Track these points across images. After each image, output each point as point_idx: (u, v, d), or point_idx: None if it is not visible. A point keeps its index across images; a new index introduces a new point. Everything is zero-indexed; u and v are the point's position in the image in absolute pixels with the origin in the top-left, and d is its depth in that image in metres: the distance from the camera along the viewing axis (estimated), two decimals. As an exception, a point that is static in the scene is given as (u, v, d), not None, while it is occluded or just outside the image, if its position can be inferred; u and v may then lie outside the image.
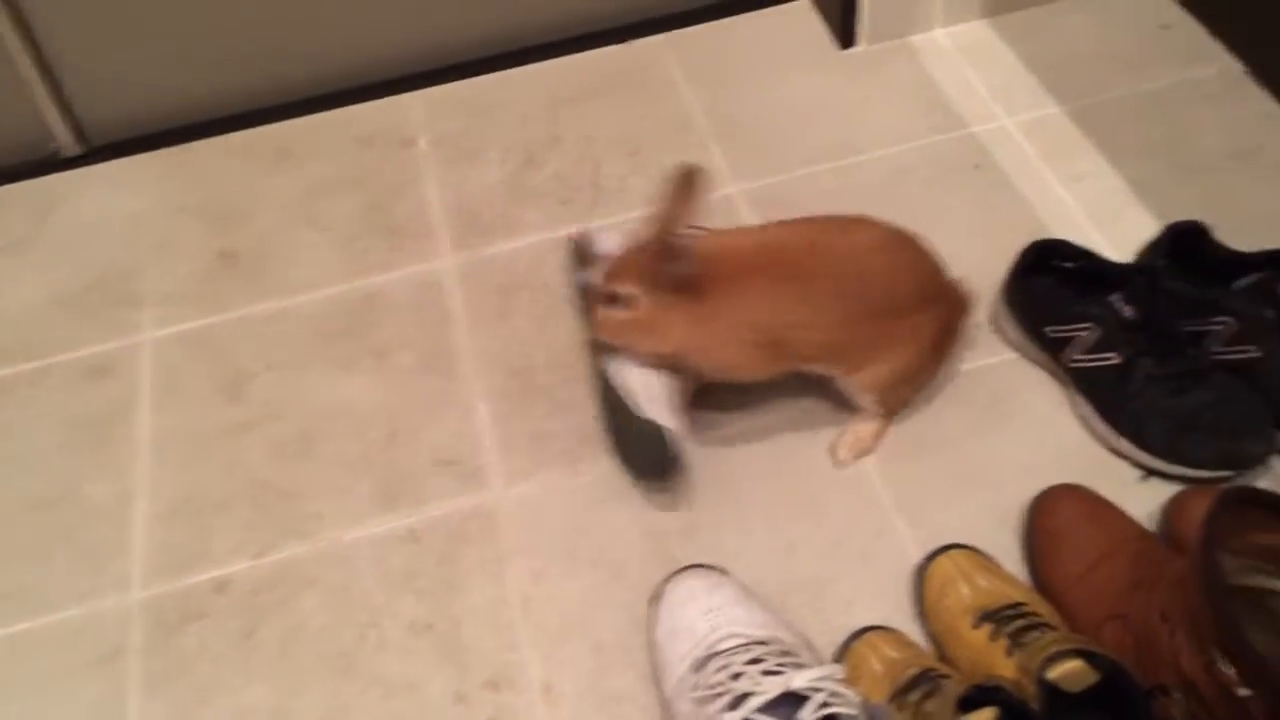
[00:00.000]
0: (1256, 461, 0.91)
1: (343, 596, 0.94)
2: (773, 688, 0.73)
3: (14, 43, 1.27)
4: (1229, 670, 0.66)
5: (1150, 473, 0.94)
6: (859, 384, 0.95)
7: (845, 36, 1.38)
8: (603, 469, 1.00)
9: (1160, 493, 0.92)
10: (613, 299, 0.92)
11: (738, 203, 1.22)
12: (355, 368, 1.11)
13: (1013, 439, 0.99)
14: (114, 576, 0.97)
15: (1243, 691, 0.65)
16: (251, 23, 1.34)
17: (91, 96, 1.34)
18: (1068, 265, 1.02)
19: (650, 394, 0.95)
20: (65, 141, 1.35)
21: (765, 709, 0.73)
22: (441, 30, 1.41)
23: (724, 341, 0.92)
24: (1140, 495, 0.92)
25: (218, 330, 1.16)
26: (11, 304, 1.20)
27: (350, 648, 0.91)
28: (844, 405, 1.00)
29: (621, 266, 0.92)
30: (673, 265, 0.89)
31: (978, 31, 1.38)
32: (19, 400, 1.12)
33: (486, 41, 1.43)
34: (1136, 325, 0.94)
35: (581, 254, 1.08)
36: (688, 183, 0.88)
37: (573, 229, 1.15)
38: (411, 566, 0.96)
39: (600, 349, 1.00)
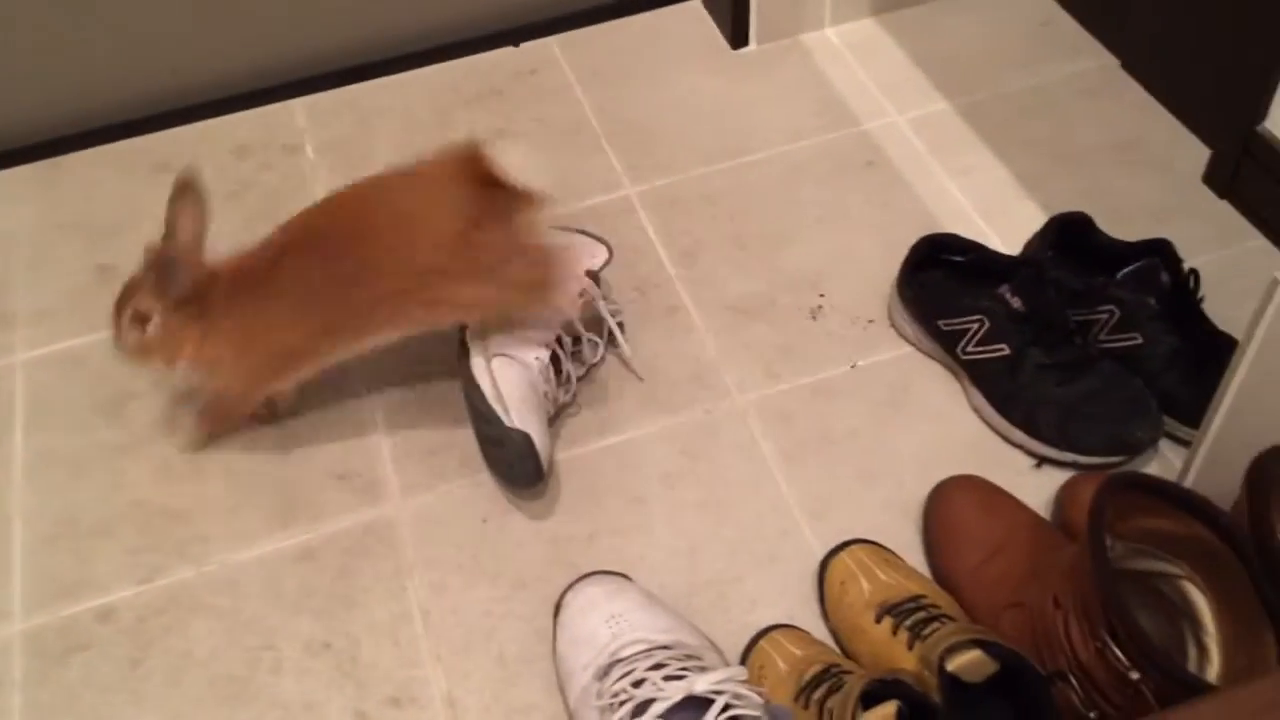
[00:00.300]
0: (1144, 446, 0.93)
1: (234, 620, 0.91)
2: (675, 693, 0.72)
3: None
4: (1120, 654, 0.67)
5: (1043, 461, 0.95)
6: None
7: (736, 36, 1.39)
8: (501, 484, 0.98)
9: (1053, 480, 0.94)
10: (139, 319, 0.92)
11: (634, 204, 1.22)
12: (244, 382, 1.07)
13: (911, 432, 1.00)
14: (-15, 611, 0.92)
15: (1134, 674, 0.66)
16: (118, 31, 1.29)
17: (-47, 106, 1.28)
18: (958, 259, 1.03)
19: (518, 399, 0.94)
20: (-75, 155, 1.29)
21: (668, 714, 0.72)
22: (321, 36, 1.37)
23: (220, 359, 0.93)
24: (1034, 483, 0.94)
25: (96, 349, 1.11)
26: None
27: (243, 672, 0.88)
28: (711, 408, 1.00)
29: (134, 286, 0.93)
30: (171, 281, 0.90)
31: (867, 29, 1.40)
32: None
33: (371, 46, 1.40)
34: (1024, 316, 0.95)
35: None
36: (182, 194, 0.90)
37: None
38: (307, 584, 0.93)
39: (462, 358, 0.98)
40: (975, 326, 0.97)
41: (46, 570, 0.95)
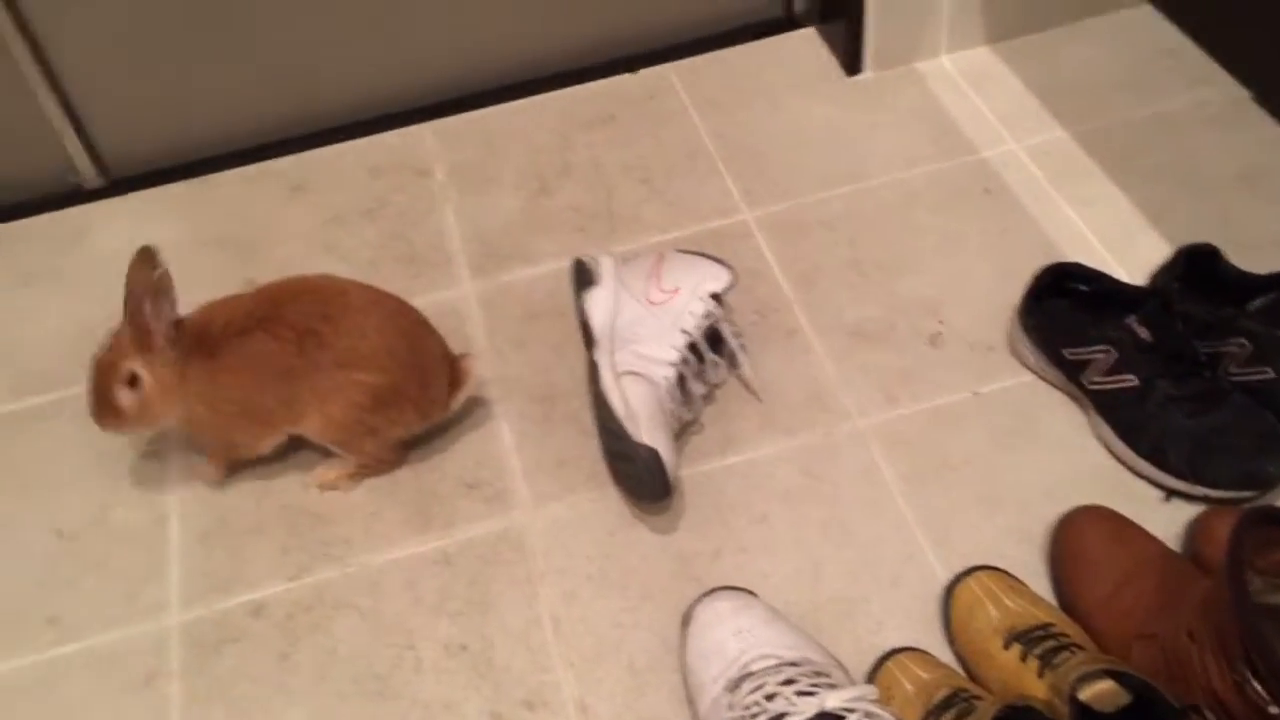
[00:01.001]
0: (1276, 482, 0.93)
1: (376, 620, 0.95)
2: (808, 708, 0.74)
3: (34, 76, 1.29)
4: (1260, 689, 0.67)
5: (1172, 494, 0.95)
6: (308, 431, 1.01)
7: (851, 64, 1.41)
8: (626, 499, 1.01)
9: (1183, 513, 0.94)
10: (129, 381, 0.96)
11: (752, 228, 1.24)
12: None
13: (1035, 460, 1.01)
14: (151, 600, 0.98)
15: (1274, 709, 0.66)
16: (264, 58, 1.36)
17: (111, 129, 1.36)
18: (1082, 288, 1.04)
19: (646, 416, 0.97)
20: (87, 174, 1.37)
21: (803, 729, 0.74)
22: (450, 63, 1.43)
23: (204, 415, 0.99)
24: (1163, 516, 0.94)
25: (242, 358, 1.17)
26: (35, 335, 1.22)
27: (385, 670, 0.92)
28: (869, 430, 1.02)
29: (113, 354, 0.97)
30: (154, 339, 0.95)
31: (982, 58, 1.41)
32: (44, 430, 1.13)
33: (496, 73, 1.45)
34: (1152, 347, 0.96)
35: (584, 277, 1.10)
36: (143, 263, 0.94)
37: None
38: (444, 588, 0.97)
39: (591, 375, 1.02)
40: (1101, 357, 0.98)
41: (202, 566, 1.00)
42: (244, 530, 1.03)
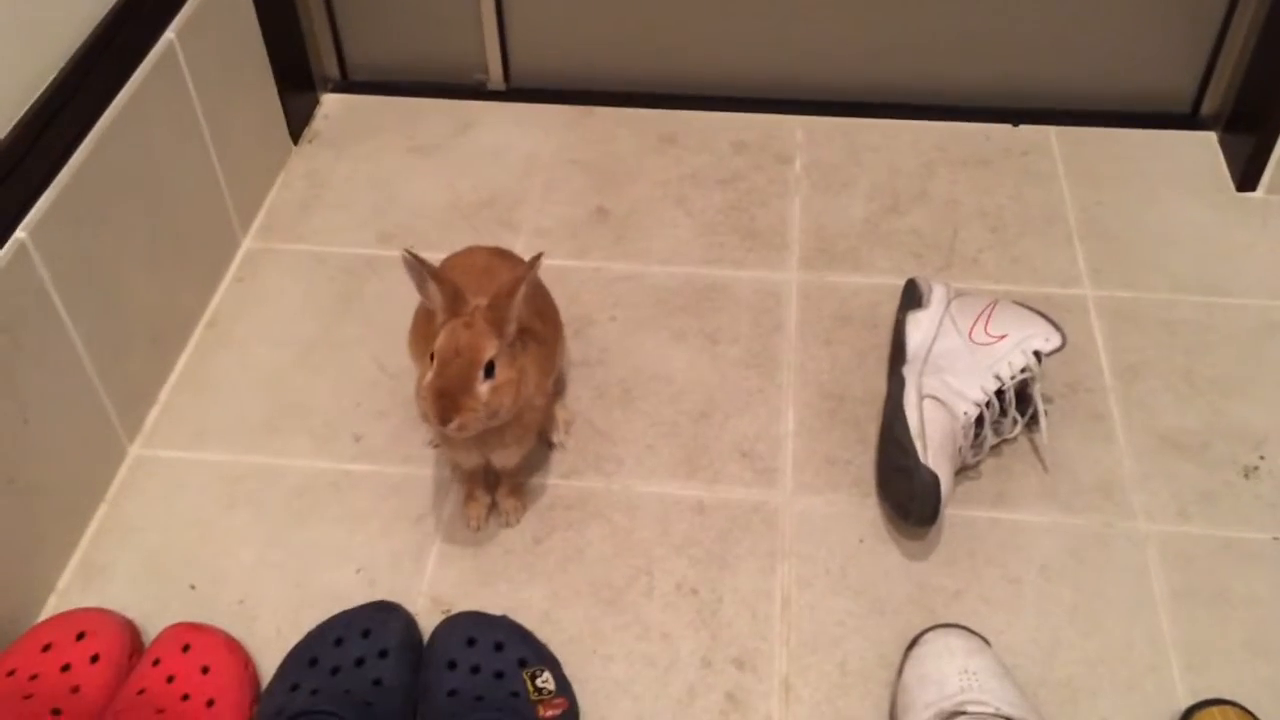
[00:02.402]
0: None
1: (625, 538, 1.02)
2: (1020, 762, 0.74)
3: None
4: None
5: None
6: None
7: (1246, 179, 1.35)
8: (888, 511, 1.03)
9: None
10: (487, 369, 0.85)
11: (1089, 306, 1.22)
12: (686, 343, 1.19)
13: (1320, 624, 0.95)
14: (439, 452, 1.08)
15: None
16: (680, 14, 1.44)
17: (528, 43, 1.49)
18: None
19: (937, 443, 0.98)
20: (494, 76, 1.51)
21: (1007, 779, 0.74)
22: (841, 66, 1.47)
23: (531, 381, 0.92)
24: None
25: (576, 273, 1.27)
26: (415, 197, 1.36)
27: (621, 584, 0.98)
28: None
29: (483, 333, 0.86)
30: (508, 331, 0.87)
31: (1392, 212, 1.31)
32: (399, 279, 1.23)
33: (878, 87, 1.48)
34: None
35: (914, 296, 1.12)
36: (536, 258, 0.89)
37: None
38: (691, 534, 1.02)
39: (894, 388, 1.03)
40: None
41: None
42: (534, 421, 1.12)
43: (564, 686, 0.88)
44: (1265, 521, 1.02)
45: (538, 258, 0.90)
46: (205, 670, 0.86)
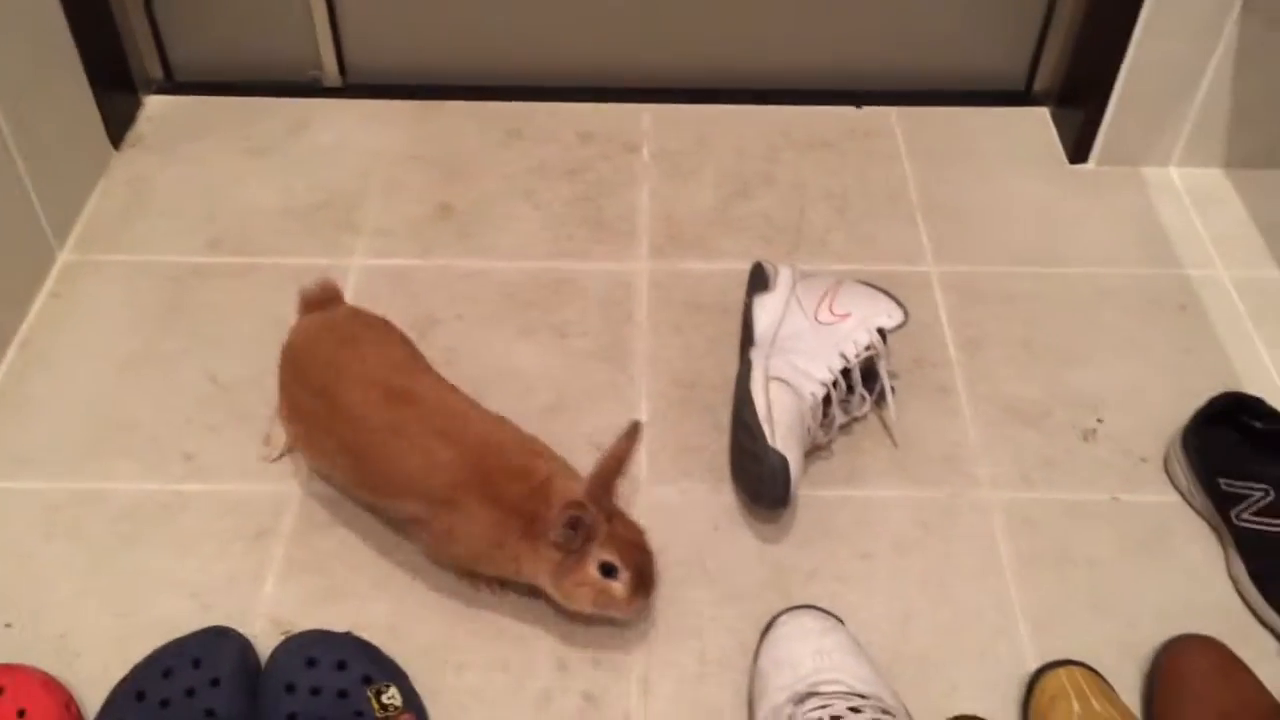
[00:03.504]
0: None
1: (475, 542, 0.98)
2: (869, 739, 0.74)
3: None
4: None
5: (1293, 651, 0.91)
6: None
7: (1077, 151, 1.39)
8: (742, 498, 1.02)
9: (1300, 674, 0.89)
10: (608, 570, 0.86)
11: (932, 282, 1.24)
12: (535, 338, 1.17)
13: (1158, 580, 0.97)
14: (281, 465, 1.04)
15: None
16: (517, 4, 1.41)
17: (361, 37, 1.44)
18: (1257, 425, 1.00)
19: (786, 425, 0.97)
20: (329, 72, 1.46)
21: (857, 756, 0.74)
22: (684, 53, 1.46)
23: None
24: (1274, 670, 0.89)
25: (420, 272, 1.23)
26: (247, 201, 1.30)
27: (473, 591, 0.94)
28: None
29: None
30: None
31: (1213, 179, 1.37)
32: (229, 287, 1.21)
33: (723, 74, 1.48)
34: (1317, 501, 0.91)
35: (760, 280, 1.12)
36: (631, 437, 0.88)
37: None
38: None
39: (742, 373, 1.03)
40: (1259, 495, 0.94)
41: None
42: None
43: (412, 700, 0.84)
44: (1104, 483, 1.05)
45: (635, 428, 0.89)
46: (21, 714, 0.80)
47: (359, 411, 0.91)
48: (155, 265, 1.23)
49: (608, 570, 0.85)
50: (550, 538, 0.85)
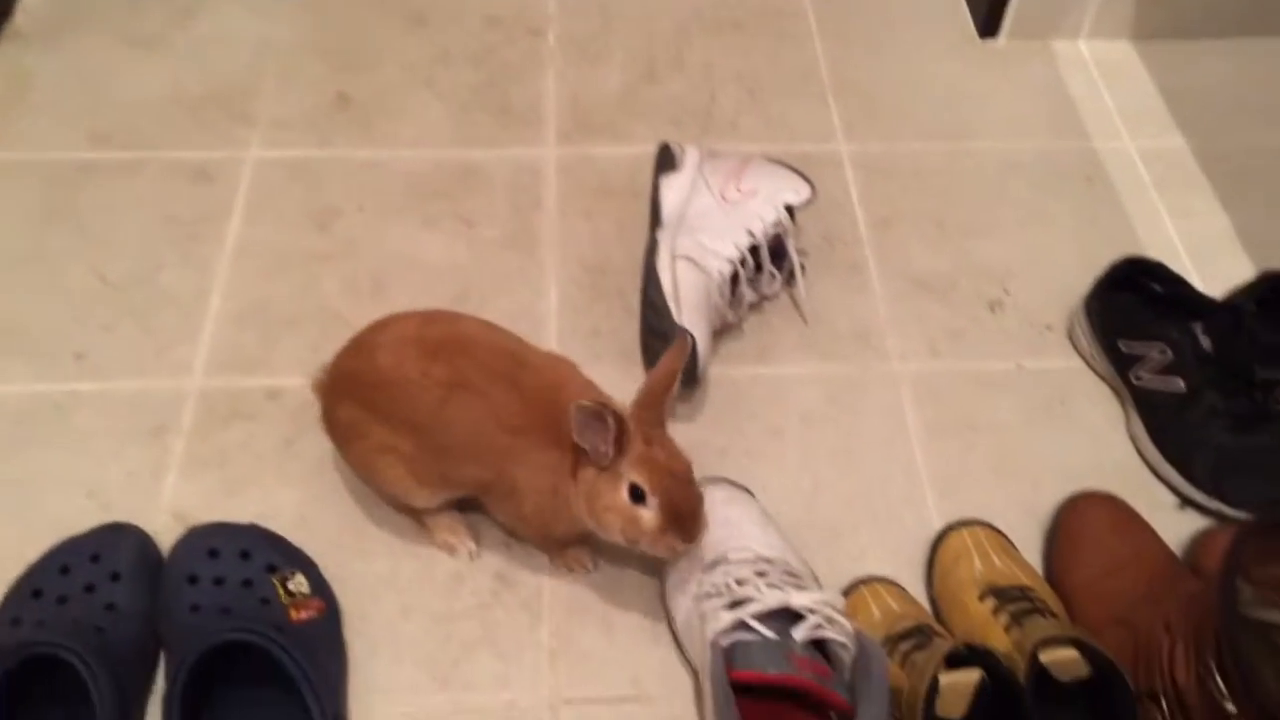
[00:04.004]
0: (1297, 515, 0.90)
1: (383, 431, 0.97)
2: (772, 600, 0.75)
3: None
4: (1221, 685, 0.66)
5: (1188, 503, 0.94)
6: None
7: (987, 26, 1.37)
8: (654, 376, 1.02)
9: (1192, 524, 0.92)
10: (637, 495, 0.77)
11: (843, 160, 1.23)
12: (440, 228, 1.14)
13: (1060, 442, 0.99)
14: (176, 361, 1.01)
15: (1230, 706, 0.65)
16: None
17: (250, -81, 1.37)
18: (1156, 288, 1.02)
19: (692, 303, 0.97)
20: (216, -44, 1.38)
21: (762, 617, 0.74)
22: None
23: None
24: (1173, 521, 0.92)
25: (319, 164, 1.19)
26: (133, 94, 1.24)
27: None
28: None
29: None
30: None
31: (1121, 51, 1.36)
32: (117, 185, 1.16)
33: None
34: (1211, 358, 0.93)
35: (667, 161, 1.10)
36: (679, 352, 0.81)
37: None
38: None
39: (649, 251, 1.01)
40: (1156, 355, 0.95)
41: (232, 343, 1.03)
42: (281, 321, 1.05)
43: (320, 588, 0.84)
44: (1009, 351, 1.06)
45: (683, 338, 0.81)
46: (-86, 618, 0.78)
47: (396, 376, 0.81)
48: (37, 163, 1.17)
49: (636, 495, 0.76)
50: (573, 440, 0.76)
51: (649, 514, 0.76)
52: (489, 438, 0.79)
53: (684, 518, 0.76)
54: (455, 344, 0.82)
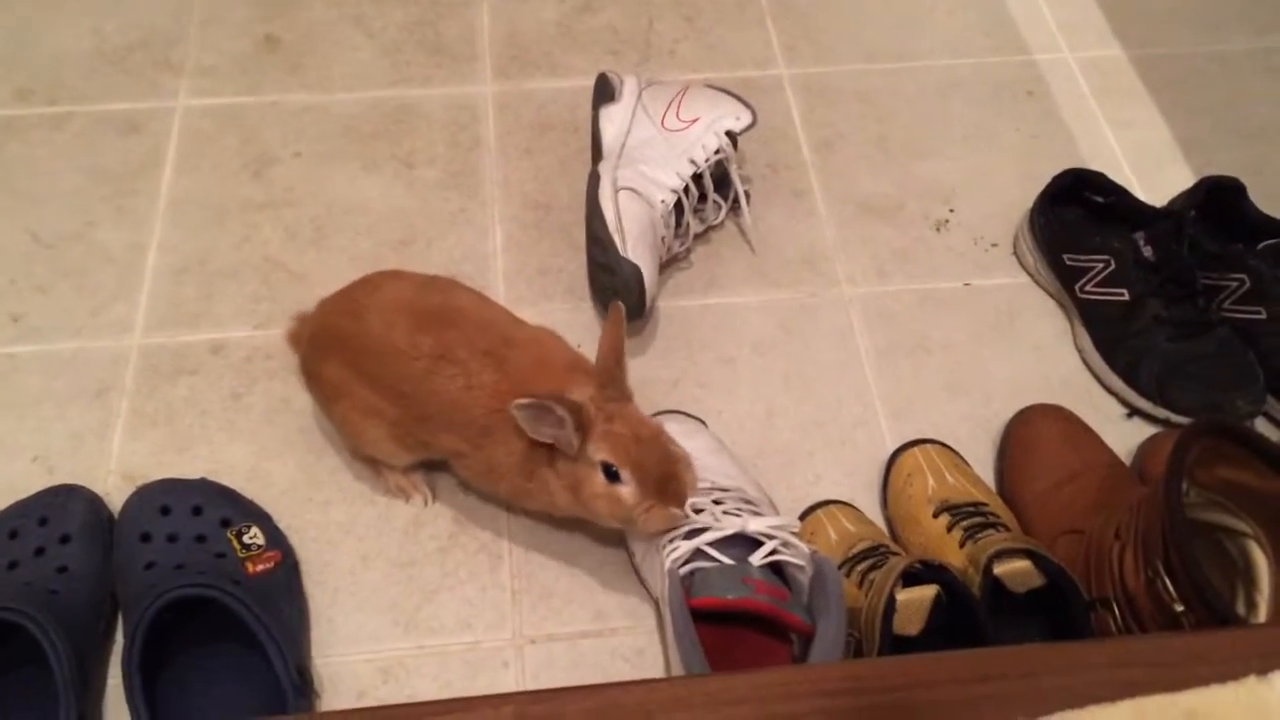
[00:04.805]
0: (1241, 417, 0.92)
1: (332, 380, 0.96)
2: (730, 526, 0.75)
3: None
4: (1169, 586, 0.68)
5: (1135, 412, 0.95)
6: None
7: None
8: (601, 313, 1.01)
9: (1140, 432, 0.94)
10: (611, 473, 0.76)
11: (785, 85, 1.22)
12: (380, 171, 1.12)
13: (1010, 358, 1.00)
14: (116, 319, 0.99)
15: (1178, 607, 0.67)
16: None
17: None
18: (1099, 199, 1.02)
19: (636, 234, 0.96)
20: (128, -103, 1.33)
21: (719, 544, 0.75)
22: None
23: None
24: (1122, 431, 0.94)
25: (251, 110, 1.16)
26: (53, 47, 1.20)
27: (330, 428, 0.93)
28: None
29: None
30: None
31: (1059, -38, 1.36)
32: (43, 140, 1.12)
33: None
34: (1153, 266, 0.94)
35: (605, 92, 1.08)
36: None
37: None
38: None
39: (591, 184, 1.00)
40: (1100, 266, 0.96)
41: (171, 298, 1.01)
42: (221, 273, 1.03)
43: (277, 539, 0.83)
44: (956, 270, 1.06)
45: (616, 307, 0.79)
46: None
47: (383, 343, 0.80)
48: (-45, 121, 1.13)
49: (611, 474, 0.75)
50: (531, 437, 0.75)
51: (627, 489, 0.75)
52: (469, 414, 0.78)
53: (663, 480, 0.75)
54: (447, 316, 0.81)
